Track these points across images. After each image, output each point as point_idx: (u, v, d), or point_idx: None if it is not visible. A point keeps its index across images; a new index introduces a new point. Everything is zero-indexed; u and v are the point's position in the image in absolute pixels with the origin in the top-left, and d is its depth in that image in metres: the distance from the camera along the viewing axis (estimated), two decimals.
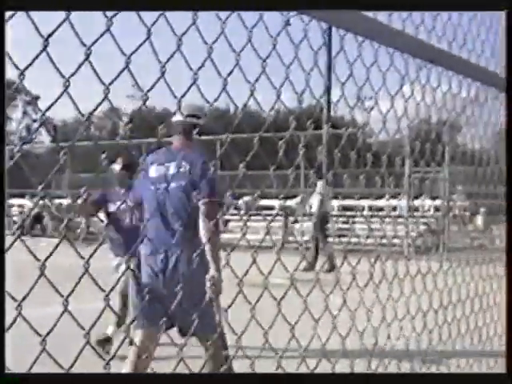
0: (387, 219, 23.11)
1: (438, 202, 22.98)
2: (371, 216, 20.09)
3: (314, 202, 17.88)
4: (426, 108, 2.89)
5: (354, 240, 19.88)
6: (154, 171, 5.01)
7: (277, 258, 2.03)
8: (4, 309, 1.55)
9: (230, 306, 1.90)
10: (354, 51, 2.34)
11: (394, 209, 24.61)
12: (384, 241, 16.70)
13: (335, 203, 26.29)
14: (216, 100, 1.81)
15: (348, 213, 24.87)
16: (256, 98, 1.93)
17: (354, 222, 22.74)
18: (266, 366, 2.05)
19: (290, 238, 23.64)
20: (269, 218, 23.14)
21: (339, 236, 23.85)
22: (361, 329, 2.48)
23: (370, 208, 19.15)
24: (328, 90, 33.06)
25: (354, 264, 2.40)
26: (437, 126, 3.55)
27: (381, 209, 23.83)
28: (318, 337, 2.23)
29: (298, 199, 26.57)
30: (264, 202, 27.80)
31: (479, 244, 15.77)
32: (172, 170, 4.92)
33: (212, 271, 4.39)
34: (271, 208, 27.11)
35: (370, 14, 2.28)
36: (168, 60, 1.64)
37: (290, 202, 27.43)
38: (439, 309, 2.97)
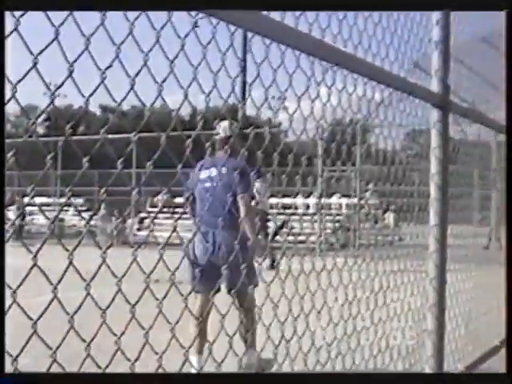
0: (302, 217, 23.41)
1: (349, 201, 23.41)
2: (278, 214, 20.35)
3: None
4: (334, 110, 2.97)
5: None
6: (203, 174, 6.91)
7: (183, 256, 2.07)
8: (4, 309, 1.54)
9: (137, 302, 1.92)
10: (273, 55, 2.39)
11: (308, 207, 24.97)
12: (290, 238, 16.93)
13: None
14: (124, 99, 1.84)
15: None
16: (163, 98, 1.97)
17: (267, 220, 22.95)
18: (175, 360, 2.09)
19: None
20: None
21: None
22: (267, 323, 2.55)
23: (285, 207, 19.32)
24: (243, 91, 33.29)
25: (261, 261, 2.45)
26: (348, 127, 3.65)
27: (296, 207, 24.16)
28: (226, 332, 2.29)
29: None
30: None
31: (388, 241, 16.17)
32: (217, 172, 6.85)
33: (251, 236, 6.44)
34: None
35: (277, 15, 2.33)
36: (75, 60, 1.66)
37: None
38: (344, 303, 3.07)
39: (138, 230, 27.50)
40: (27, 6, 1.57)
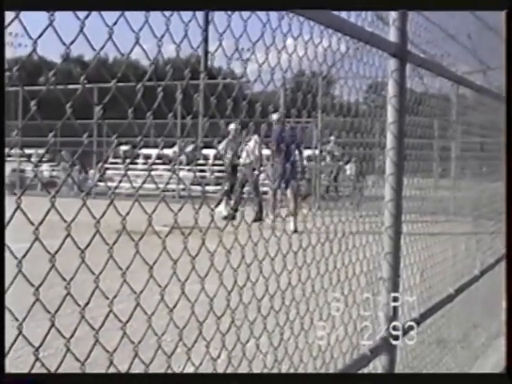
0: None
1: (310, 152, 23.37)
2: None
3: (228, 149, 17.88)
4: (298, 60, 2.92)
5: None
6: (277, 133, 13.48)
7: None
8: (4, 308, 1.54)
9: (86, 248, 1.85)
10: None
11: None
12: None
13: (210, 152, 26.66)
14: (102, 48, 1.85)
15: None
16: (142, 46, 1.99)
17: None
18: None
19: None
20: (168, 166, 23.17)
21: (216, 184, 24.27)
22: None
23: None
24: (205, 42, 33.06)
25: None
26: (312, 78, 3.65)
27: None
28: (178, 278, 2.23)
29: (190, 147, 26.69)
30: (144, 151, 27.59)
31: (349, 192, 16.31)
32: (284, 133, 14.11)
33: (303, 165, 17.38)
34: (149, 157, 26.99)
35: None
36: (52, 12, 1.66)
37: (168, 151, 27.28)
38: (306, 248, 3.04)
39: (100, 180, 27.34)
40: (28, 5, 1.59)
